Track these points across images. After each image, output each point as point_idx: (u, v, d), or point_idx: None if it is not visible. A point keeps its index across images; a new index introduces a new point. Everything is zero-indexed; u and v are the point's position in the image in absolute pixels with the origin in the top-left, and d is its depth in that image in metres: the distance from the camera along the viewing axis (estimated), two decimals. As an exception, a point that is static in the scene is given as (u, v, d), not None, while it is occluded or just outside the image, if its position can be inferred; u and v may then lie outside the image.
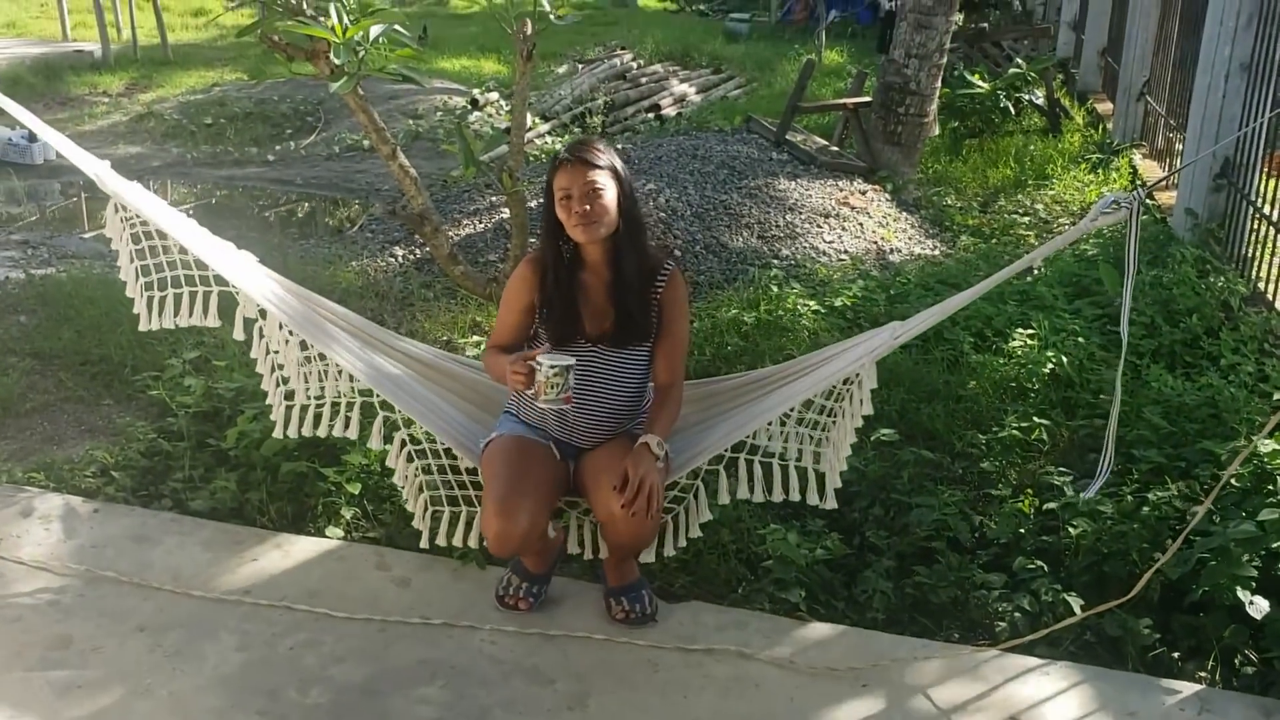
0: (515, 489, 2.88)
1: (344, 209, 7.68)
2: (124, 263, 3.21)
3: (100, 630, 3.00)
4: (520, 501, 2.86)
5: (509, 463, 2.96)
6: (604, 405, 3.06)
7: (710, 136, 7.71)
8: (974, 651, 3.01)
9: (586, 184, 2.88)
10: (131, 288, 3.24)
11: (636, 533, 2.94)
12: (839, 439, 3.05)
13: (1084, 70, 10.93)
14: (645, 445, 2.88)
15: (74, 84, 11.38)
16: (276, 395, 3.28)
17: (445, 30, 14.41)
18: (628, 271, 2.98)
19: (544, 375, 2.79)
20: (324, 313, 3.29)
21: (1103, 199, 2.71)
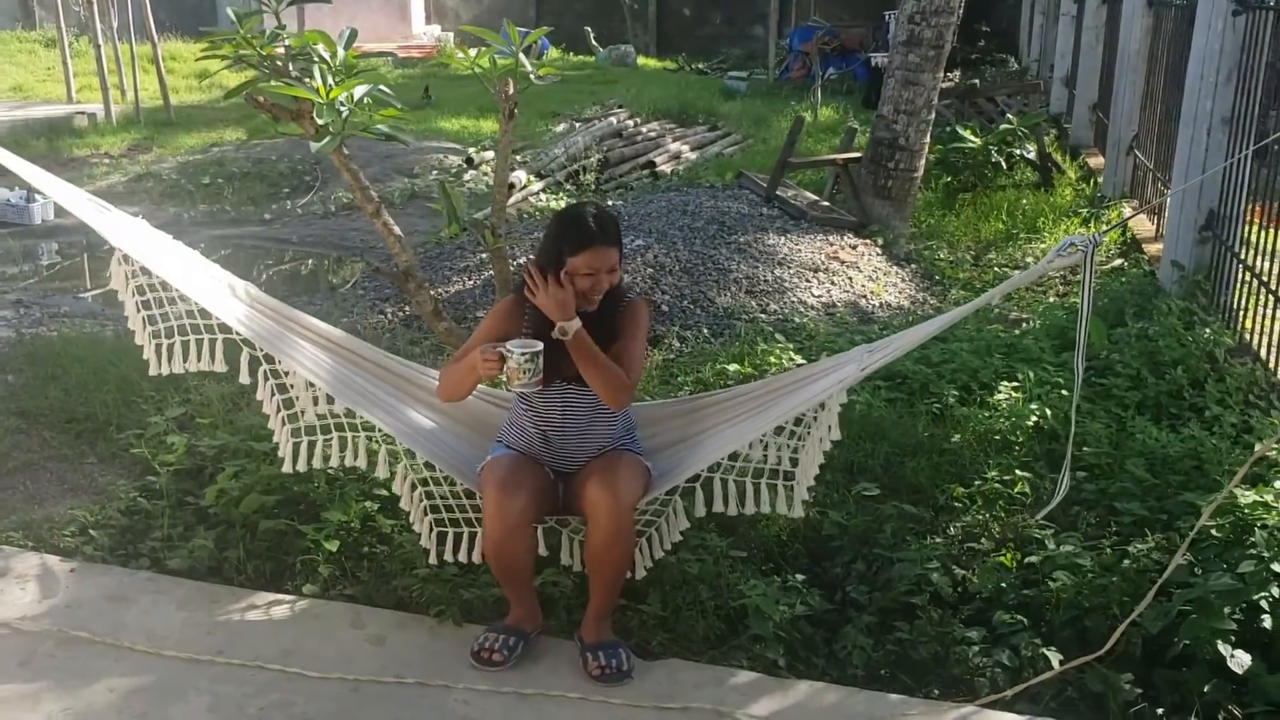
0: (512, 477, 3.11)
1: (338, 267, 7.72)
2: (130, 313, 3.32)
3: (69, 691, 2.97)
4: (517, 483, 3.09)
5: (506, 463, 3.19)
6: (582, 436, 3.26)
7: (701, 192, 7.76)
8: (953, 708, 2.98)
9: (610, 266, 3.11)
10: (140, 335, 3.33)
11: (616, 525, 3.03)
12: (807, 462, 3.23)
13: (1076, 125, 11.02)
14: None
15: (76, 146, 11.50)
16: (284, 433, 3.38)
17: (446, 91, 14.56)
18: (605, 320, 3.17)
19: (515, 362, 2.95)
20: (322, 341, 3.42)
21: (1060, 243, 2.74)
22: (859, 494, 3.88)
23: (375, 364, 3.48)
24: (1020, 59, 17.73)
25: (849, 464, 4.11)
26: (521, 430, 3.29)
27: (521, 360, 2.95)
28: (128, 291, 3.30)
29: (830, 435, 3.12)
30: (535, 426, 3.25)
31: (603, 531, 3.06)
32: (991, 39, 18.31)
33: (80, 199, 3.35)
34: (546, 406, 3.23)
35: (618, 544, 3.09)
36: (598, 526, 3.07)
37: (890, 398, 4.62)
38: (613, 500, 3.04)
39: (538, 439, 3.25)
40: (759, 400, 3.33)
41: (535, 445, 3.26)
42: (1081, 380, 4.65)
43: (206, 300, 3.26)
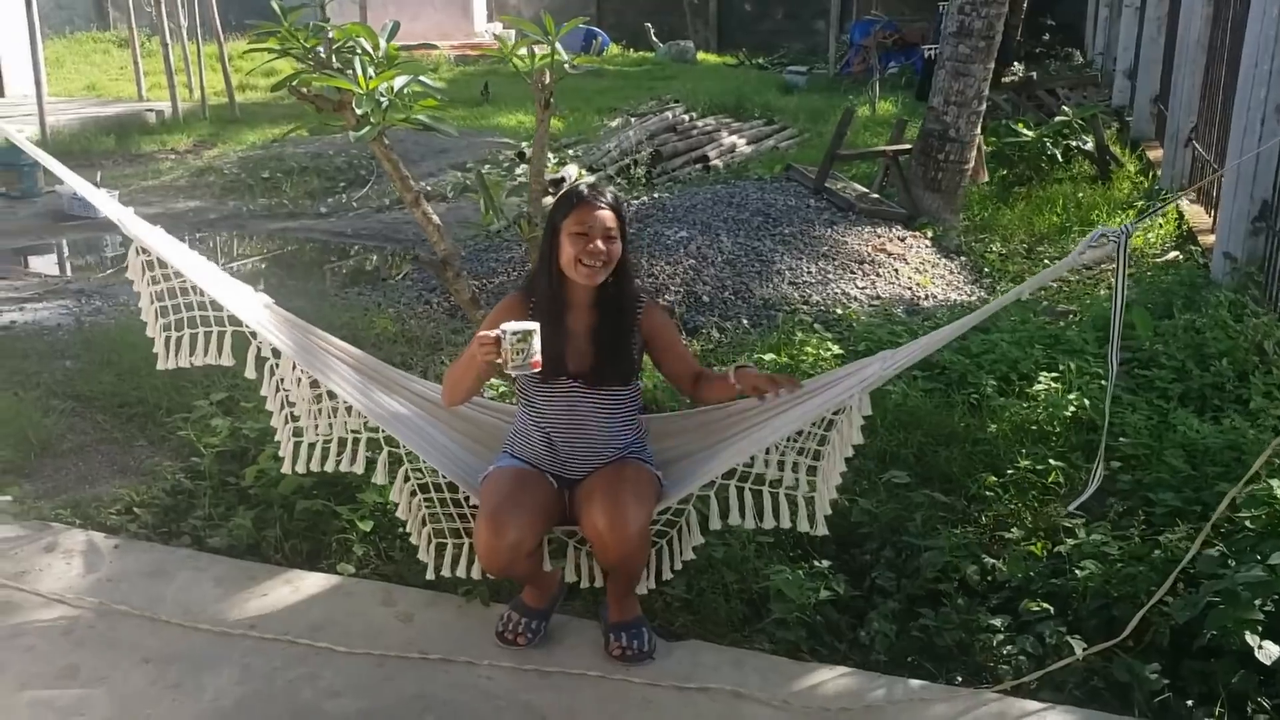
0: (506, 505, 2.98)
1: (390, 259, 7.83)
2: (144, 304, 3.35)
3: (107, 661, 3.07)
4: (509, 516, 2.94)
5: (503, 485, 3.07)
6: (585, 437, 3.15)
7: (748, 185, 7.76)
8: (973, 694, 2.97)
9: (605, 227, 3.01)
10: (151, 328, 3.36)
11: (624, 552, 2.97)
12: (828, 468, 3.08)
13: (1137, 118, 10.85)
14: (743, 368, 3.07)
15: (144, 142, 11.78)
16: (285, 432, 3.35)
17: (505, 88, 14.67)
18: (611, 316, 3.12)
19: (509, 342, 2.82)
20: (334, 352, 3.38)
21: (1092, 233, 2.70)
22: (889, 482, 3.87)
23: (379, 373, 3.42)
24: (1085, 52, 17.45)
25: (881, 452, 4.10)
26: (527, 437, 3.18)
27: (514, 340, 2.82)
28: (143, 281, 3.32)
29: (853, 439, 3.00)
30: (540, 430, 3.15)
31: (611, 556, 3.01)
32: (1056, 32, 18.02)
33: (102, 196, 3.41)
34: (549, 404, 3.13)
35: (629, 563, 3.05)
36: (607, 553, 3.01)
37: (928, 388, 4.60)
38: (620, 529, 2.93)
39: (542, 444, 3.15)
40: (776, 409, 3.15)
41: (540, 452, 3.15)
42: (1124, 371, 4.64)
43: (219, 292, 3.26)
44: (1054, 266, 2.92)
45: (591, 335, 3.11)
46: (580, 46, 19.86)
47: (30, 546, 3.67)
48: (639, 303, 3.20)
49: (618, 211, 3.06)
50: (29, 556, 3.61)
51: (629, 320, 3.15)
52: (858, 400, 2.97)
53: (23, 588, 3.42)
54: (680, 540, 3.27)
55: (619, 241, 3.05)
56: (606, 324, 3.11)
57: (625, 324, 3.14)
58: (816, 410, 3.03)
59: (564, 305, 3.10)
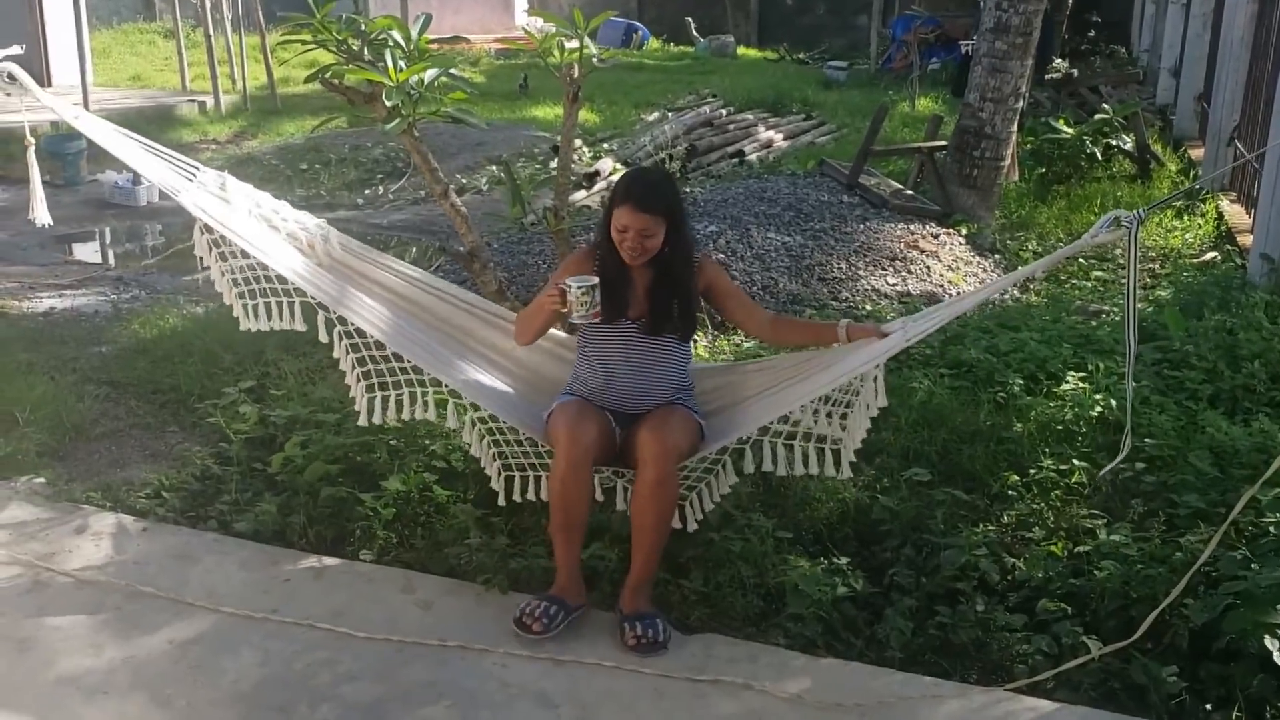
0: (580, 419, 3.30)
1: (423, 250, 7.89)
2: (216, 276, 3.56)
3: (132, 641, 3.13)
4: (583, 426, 3.28)
5: (571, 409, 3.36)
6: (640, 379, 3.42)
7: (780, 180, 7.74)
8: (987, 692, 2.96)
9: (640, 229, 3.27)
10: (228, 296, 3.58)
11: (661, 470, 3.18)
12: (854, 426, 3.28)
13: (1180, 116, 10.72)
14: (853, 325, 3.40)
15: (185, 132, 11.92)
16: (359, 389, 3.56)
17: (544, 81, 14.69)
18: (664, 278, 3.39)
19: (574, 295, 3.19)
20: (399, 302, 3.64)
21: (1104, 217, 2.70)
22: (911, 479, 3.86)
23: (447, 321, 3.70)
24: (1131, 49, 17.24)
25: (905, 450, 4.09)
26: (585, 379, 3.46)
27: (579, 293, 3.17)
28: (211, 257, 3.53)
29: (877, 402, 3.15)
30: (597, 370, 3.42)
31: (648, 474, 3.19)
32: (1102, 29, 17.80)
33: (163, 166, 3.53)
34: (608, 345, 3.40)
35: (661, 489, 3.20)
36: (644, 468, 3.20)
37: (954, 386, 4.58)
38: (660, 445, 3.20)
39: (599, 383, 3.42)
40: (802, 368, 3.45)
41: (598, 390, 3.42)
42: (1154, 372, 4.60)
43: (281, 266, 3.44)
44: (1066, 248, 2.95)
45: (649, 288, 3.39)
46: (620, 41, 19.90)
47: (61, 528, 3.74)
48: (694, 261, 3.45)
49: (659, 211, 3.27)
50: (59, 538, 3.68)
51: (684, 277, 3.40)
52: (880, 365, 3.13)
53: (52, 568, 3.49)
54: (716, 482, 3.54)
55: (655, 239, 3.29)
56: (661, 280, 3.38)
57: (680, 280, 3.39)
58: (843, 375, 3.22)
59: (625, 274, 3.38)
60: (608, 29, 19.51)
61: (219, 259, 3.55)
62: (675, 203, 3.38)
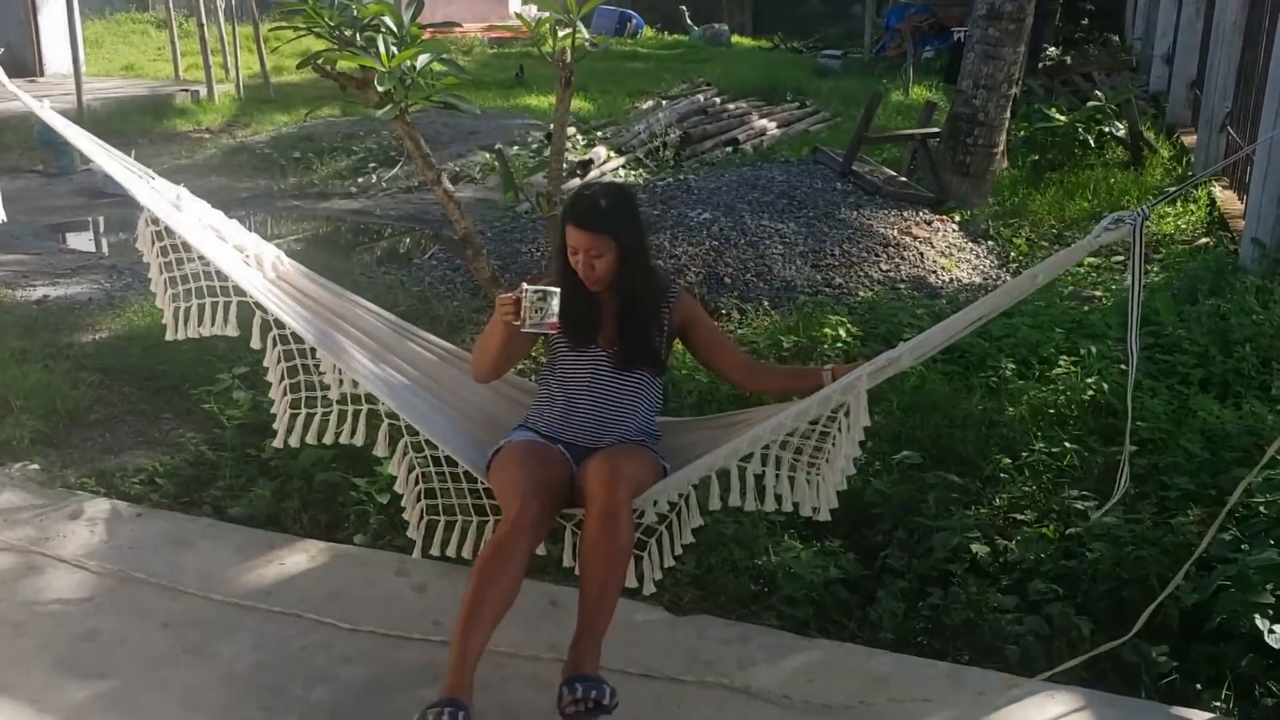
0: (534, 481, 2.90)
1: (417, 239, 7.89)
2: (154, 274, 3.32)
3: (126, 626, 3.14)
4: (536, 496, 2.86)
5: (521, 457, 3.00)
6: (600, 412, 3.12)
7: (774, 167, 7.75)
8: (979, 673, 2.97)
9: (588, 250, 3.01)
10: (161, 299, 3.32)
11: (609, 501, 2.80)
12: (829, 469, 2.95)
13: (1173, 103, 10.72)
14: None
15: (179, 121, 11.90)
16: (283, 404, 3.34)
17: (539, 69, 14.67)
18: (630, 305, 3.14)
19: (528, 299, 2.81)
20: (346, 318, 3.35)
21: (1107, 217, 2.66)
22: (903, 463, 3.87)
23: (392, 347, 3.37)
24: (1125, 37, 17.25)
25: (896, 434, 4.11)
26: (545, 406, 3.16)
27: (533, 298, 2.81)
28: (153, 252, 3.29)
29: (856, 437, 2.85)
30: (559, 397, 3.13)
31: (597, 506, 2.82)
32: (1095, 17, 17.80)
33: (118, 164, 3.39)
34: (575, 372, 3.13)
35: (613, 523, 2.79)
36: (593, 501, 2.84)
37: (947, 370, 4.59)
38: (611, 471, 2.86)
39: (560, 412, 3.12)
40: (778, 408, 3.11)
41: (555, 421, 3.12)
42: (1146, 356, 4.61)
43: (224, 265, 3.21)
44: (1068, 250, 2.86)
45: (618, 318, 3.14)
46: (614, 29, 19.87)
47: (55, 514, 3.75)
48: (669, 293, 3.23)
49: (605, 231, 3.00)
50: (53, 524, 3.69)
51: (654, 309, 3.17)
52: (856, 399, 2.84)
53: (46, 553, 3.49)
54: (679, 525, 3.16)
55: (604, 259, 3.02)
56: (629, 309, 3.13)
57: (650, 312, 3.16)
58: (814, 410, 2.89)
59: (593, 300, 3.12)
60: (602, 17, 19.48)
61: (160, 254, 3.28)
62: (626, 222, 3.07)
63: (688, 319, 3.25)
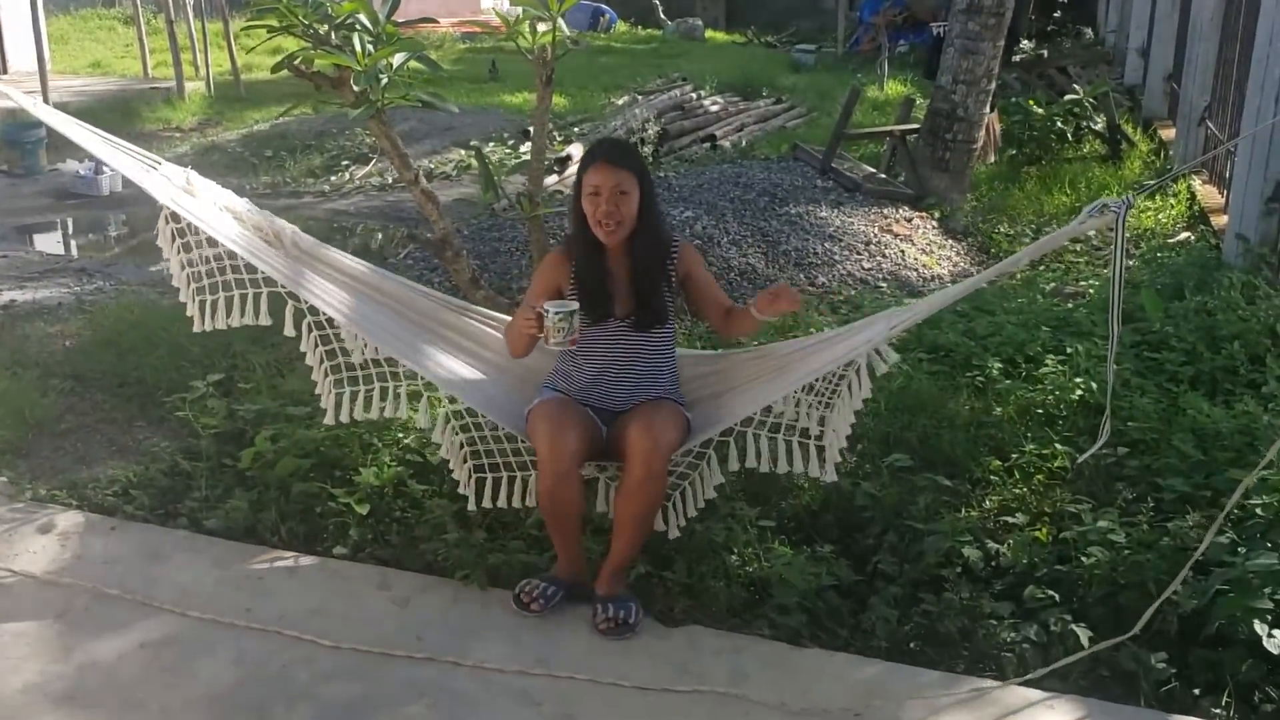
0: (562, 418, 3.20)
1: (390, 237, 7.78)
2: (175, 270, 3.41)
3: (102, 645, 3.05)
4: (568, 427, 3.17)
5: (554, 407, 3.26)
6: (627, 375, 3.34)
7: (754, 164, 7.69)
8: (975, 682, 2.92)
9: (615, 185, 3.18)
10: (184, 293, 3.41)
11: (651, 468, 3.09)
12: (838, 419, 3.20)
13: (1149, 96, 10.71)
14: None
15: (148, 120, 11.73)
16: (326, 384, 3.45)
17: (512, 65, 14.56)
18: (644, 263, 3.29)
19: (550, 320, 3.09)
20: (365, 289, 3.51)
21: (1092, 203, 2.65)
22: (893, 465, 3.82)
23: (421, 312, 3.57)
24: (1098, 30, 17.26)
25: (884, 436, 4.05)
26: (569, 376, 3.37)
27: (555, 319, 3.08)
28: (173, 249, 3.40)
29: (861, 393, 3.11)
30: (583, 368, 3.34)
31: (637, 471, 3.11)
32: (1069, 10, 17.81)
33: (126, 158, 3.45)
34: (595, 344, 3.30)
35: (649, 485, 3.12)
36: (633, 466, 3.11)
37: (933, 370, 4.54)
38: (651, 443, 3.10)
39: (585, 380, 3.34)
40: (787, 357, 3.38)
41: (584, 388, 3.34)
42: (1134, 354, 4.58)
43: (249, 253, 3.34)
44: (1052, 235, 2.91)
45: (631, 282, 3.30)
46: (588, 24, 19.74)
47: (25, 528, 3.64)
48: (673, 246, 3.38)
49: (631, 168, 3.21)
50: (23, 538, 3.58)
51: (664, 265, 3.33)
52: (865, 356, 3.08)
53: (16, 570, 3.40)
54: (701, 481, 3.41)
55: (633, 197, 3.21)
56: (642, 271, 3.29)
57: (660, 269, 3.32)
58: (828, 364, 3.16)
59: (603, 255, 3.29)
60: (575, 12, 19.32)
61: (181, 250, 3.41)
62: (645, 167, 3.33)
63: (689, 271, 3.42)
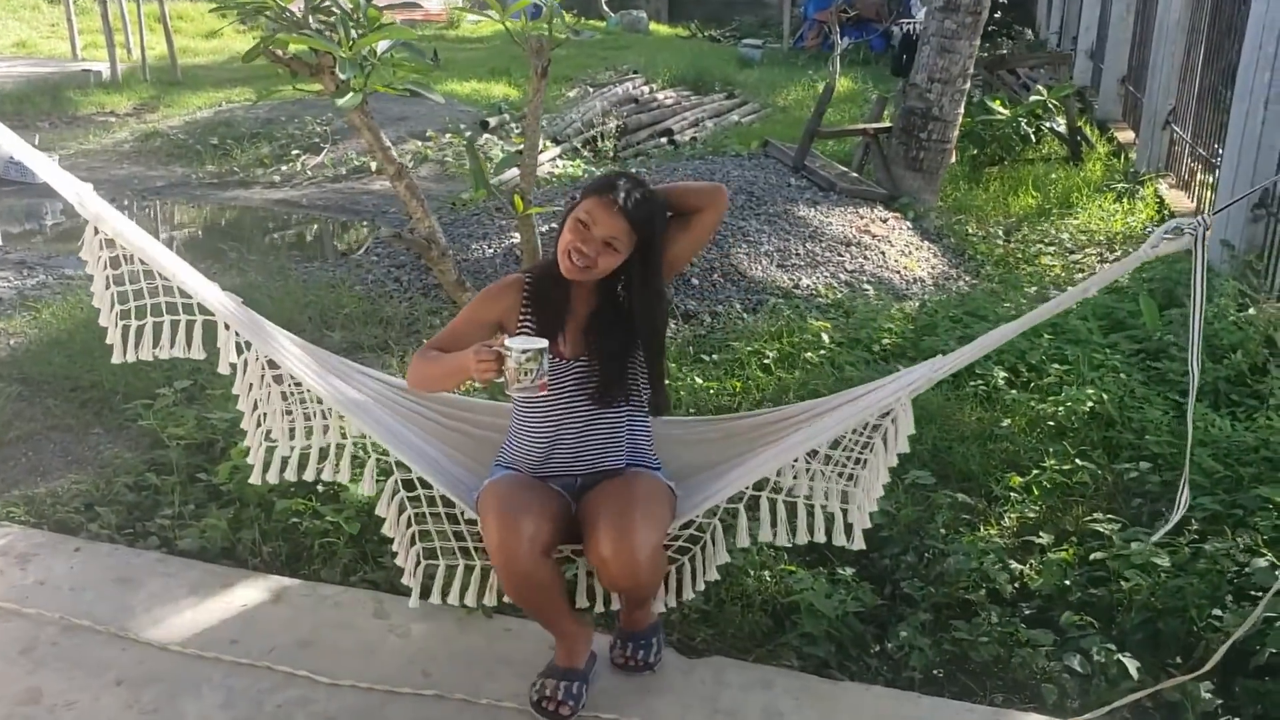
0: (514, 501, 2.62)
1: (350, 231, 7.48)
2: (98, 289, 2.86)
3: (74, 684, 2.77)
4: (521, 511, 2.58)
5: (505, 487, 2.71)
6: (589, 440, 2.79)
7: (727, 161, 7.51)
8: (1020, 716, 2.77)
9: (608, 230, 2.62)
10: (105, 316, 2.85)
11: (632, 582, 2.62)
12: (869, 480, 2.73)
13: (1103, 99, 10.74)
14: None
15: (81, 104, 11.22)
16: (256, 435, 2.92)
17: (454, 53, 14.24)
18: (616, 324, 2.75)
19: (515, 361, 2.46)
20: (312, 353, 3.00)
21: (1166, 224, 2.46)
22: (912, 482, 3.66)
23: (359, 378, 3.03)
24: (1038, 32, 17.38)
25: (896, 449, 3.89)
26: (523, 443, 2.81)
27: (522, 359, 2.46)
28: (99, 264, 2.83)
29: (899, 447, 2.68)
30: (538, 432, 2.78)
31: (619, 585, 2.68)
32: (1008, 10, 17.91)
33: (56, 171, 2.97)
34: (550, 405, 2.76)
35: (638, 591, 2.73)
36: (613, 581, 2.66)
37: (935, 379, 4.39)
38: (628, 555, 2.54)
39: (540, 449, 2.78)
40: (810, 417, 2.88)
41: (536, 459, 2.79)
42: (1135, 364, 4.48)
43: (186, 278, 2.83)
44: (1123, 261, 2.66)
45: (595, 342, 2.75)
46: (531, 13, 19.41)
47: (-21, 550, 3.34)
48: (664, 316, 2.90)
49: (636, 225, 2.62)
50: (-22, 562, 3.28)
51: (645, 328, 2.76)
52: (903, 406, 2.67)
53: (-27, 598, 3.10)
54: (704, 556, 2.90)
55: (617, 257, 2.64)
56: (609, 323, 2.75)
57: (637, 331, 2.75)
58: (856, 416, 2.70)
59: (564, 298, 2.75)
60: (518, 2, 19.00)
61: (109, 264, 2.81)
62: (658, 232, 2.69)
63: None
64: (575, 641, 2.78)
